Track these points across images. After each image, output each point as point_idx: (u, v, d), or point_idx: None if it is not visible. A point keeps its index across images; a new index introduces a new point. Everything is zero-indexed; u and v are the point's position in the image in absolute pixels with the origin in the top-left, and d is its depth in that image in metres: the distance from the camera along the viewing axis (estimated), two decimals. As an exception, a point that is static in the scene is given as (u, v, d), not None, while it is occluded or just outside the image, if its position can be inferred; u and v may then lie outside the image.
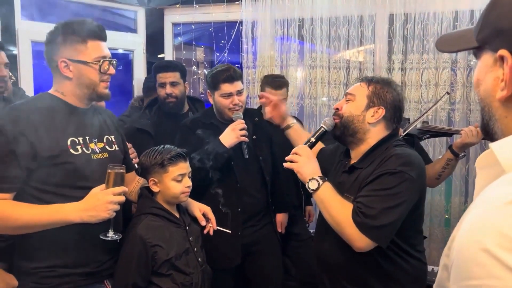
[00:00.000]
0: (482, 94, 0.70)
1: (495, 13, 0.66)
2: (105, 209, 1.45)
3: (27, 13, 3.42)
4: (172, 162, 1.76)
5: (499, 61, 0.64)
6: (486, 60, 0.68)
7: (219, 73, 2.25)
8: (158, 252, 1.65)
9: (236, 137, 2.15)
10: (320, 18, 3.28)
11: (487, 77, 0.68)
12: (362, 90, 1.67)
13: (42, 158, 1.48)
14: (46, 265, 1.55)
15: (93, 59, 1.58)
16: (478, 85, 0.71)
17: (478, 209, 0.56)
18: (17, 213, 1.45)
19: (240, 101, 2.25)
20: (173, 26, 3.84)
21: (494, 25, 0.66)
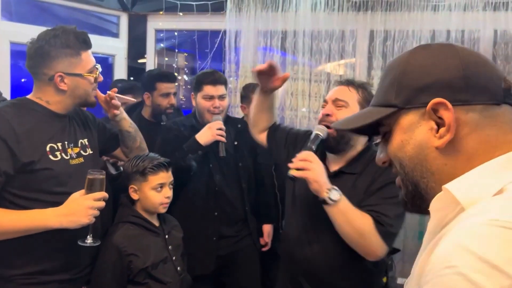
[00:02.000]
0: (411, 153, 0.70)
1: (409, 76, 0.70)
2: (85, 214, 1.44)
3: (6, 13, 3.36)
4: (153, 171, 1.75)
5: (428, 113, 0.67)
6: (408, 120, 0.70)
7: (203, 75, 2.29)
8: (133, 261, 1.64)
9: (212, 135, 2.15)
10: (303, 31, 3.33)
11: (416, 133, 0.69)
12: (353, 96, 1.61)
13: (21, 163, 1.46)
14: (26, 271, 1.52)
15: (87, 70, 1.59)
16: (403, 147, 0.71)
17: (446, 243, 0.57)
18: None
19: (221, 105, 2.27)
20: (155, 32, 3.84)
21: (413, 86, 0.69)
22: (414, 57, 0.72)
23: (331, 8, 3.28)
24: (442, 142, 0.66)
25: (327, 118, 1.61)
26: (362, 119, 0.77)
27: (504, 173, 0.62)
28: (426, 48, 0.73)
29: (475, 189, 0.62)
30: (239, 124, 2.44)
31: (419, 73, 0.69)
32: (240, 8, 3.42)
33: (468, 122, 0.65)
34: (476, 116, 0.65)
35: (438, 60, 0.69)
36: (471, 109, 0.66)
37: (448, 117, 0.65)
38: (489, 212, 0.56)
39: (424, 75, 0.69)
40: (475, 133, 0.66)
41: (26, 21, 3.46)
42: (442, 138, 0.66)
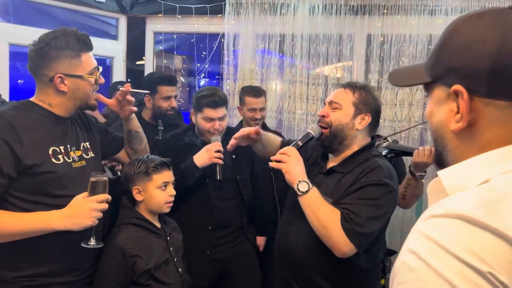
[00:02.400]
0: (434, 125, 0.74)
1: (446, 52, 0.70)
2: (88, 216, 1.44)
3: (5, 15, 3.37)
4: (156, 170, 1.77)
5: (453, 95, 0.68)
6: (439, 94, 0.72)
7: (204, 98, 2.25)
8: (137, 263, 1.65)
9: (209, 158, 2.15)
10: (300, 35, 3.36)
11: (441, 110, 0.72)
12: (348, 97, 1.68)
13: (24, 166, 1.47)
14: (27, 274, 1.52)
15: (88, 72, 1.59)
16: (431, 116, 0.75)
17: (415, 228, 0.62)
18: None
19: (221, 126, 2.26)
20: (154, 35, 3.85)
21: (446, 63, 0.70)
22: (460, 30, 0.70)
23: (329, 12, 3.31)
24: (456, 127, 0.68)
25: (323, 119, 1.71)
26: (410, 79, 0.80)
27: (497, 164, 0.64)
28: (476, 20, 0.69)
29: (462, 178, 0.65)
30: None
31: (454, 52, 0.69)
32: (238, 12, 3.44)
33: (487, 115, 0.66)
34: (495, 111, 0.65)
35: (476, 42, 0.67)
36: (491, 104, 0.65)
37: (462, 106, 0.66)
38: (457, 202, 0.59)
39: (457, 55, 0.68)
40: (493, 127, 0.66)
41: (25, 23, 3.46)
42: (457, 123, 0.68)
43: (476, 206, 0.57)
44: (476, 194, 0.60)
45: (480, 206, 0.57)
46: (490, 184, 0.62)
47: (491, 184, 0.61)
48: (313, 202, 1.58)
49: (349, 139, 1.68)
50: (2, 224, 1.43)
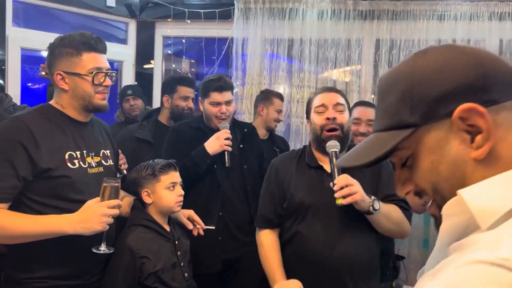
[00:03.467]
0: (445, 173, 0.61)
1: (424, 85, 0.61)
2: (99, 222, 1.45)
3: (18, 20, 3.41)
4: (163, 171, 1.79)
5: (457, 122, 0.59)
6: (433, 136, 0.61)
7: (210, 82, 2.32)
8: (145, 264, 1.66)
9: (220, 145, 2.21)
10: (309, 39, 3.37)
11: (448, 149, 0.60)
12: (343, 99, 1.80)
13: (40, 170, 1.48)
14: (38, 275, 1.53)
15: (87, 70, 1.58)
16: (435, 169, 0.62)
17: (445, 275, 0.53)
18: (12, 223, 1.44)
19: (228, 110, 2.31)
20: (163, 39, 3.88)
21: (431, 96, 0.61)
22: (419, 64, 0.63)
23: (338, 17, 3.32)
24: (482, 151, 0.57)
25: (335, 121, 1.72)
26: (376, 149, 0.65)
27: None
28: (428, 53, 0.64)
29: (490, 198, 0.56)
30: (246, 128, 2.47)
31: (433, 81, 0.61)
32: (247, 16, 3.46)
33: (502, 123, 0.58)
34: (508, 114, 0.59)
35: (449, 62, 0.61)
36: (502, 108, 0.58)
37: (484, 122, 0.57)
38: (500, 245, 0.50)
39: (440, 81, 0.60)
40: (510, 134, 0.59)
41: (35, 27, 3.51)
42: (481, 147, 0.57)
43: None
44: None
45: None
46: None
47: None
48: (386, 211, 1.65)
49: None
50: (15, 225, 1.44)
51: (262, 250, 1.89)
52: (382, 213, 1.63)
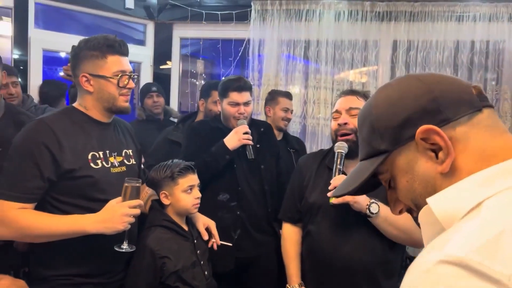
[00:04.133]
0: (420, 190, 0.69)
1: (383, 120, 0.70)
2: (120, 221, 1.48)
3: (38, 21, 3.49)
4: (181, 174, 1.81)
5: (421, 143, 0.66)
6: (403, 158, 0.69)
7: (229, 82, 2.34)
8: (166, 264, 1.69)
9: (239, 140, 2.23)
10: (326, 40, 3.38)
11: (417, 168, 0.68)
12: (362, 104, 1.71)
13: (63, 170, 1.52)
14: (63, 273, 1.57)
15: (112, 73, 1.60)
16: (411, 187, 0.70)
17: (407, 276, 0.58)
18: (37, 223, 1.48)
19: (246, 111, 2.33)
20: (180, 40, 3.92)
21: (391, 125, 0.69)
22: (378, 99, 0.73)
23: (355, 18, 3.32)
24: (445, 165, 0.64)
25: (345, 126, 1.73)
26: (359, 176, 0.75)
27: (485, 187, 0.61)
28: (386, 87, 0.74)
29: (451, 202, 0.63)
30: (262, 128, 2.49)
31: (392, 111, 0.69)
32: (264, 18, 3.48)
33: (459, 137, 0.65)
34: (464, 128, 0.65)
35: (402, 92, 0.70)
36: (457, 124, 0.65)
37: (441, 139, 0.64)
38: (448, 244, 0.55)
39: (397, 111, 0.69)
40: (469, 146, 0.65)
41: (54, 29, 3.58)
42: (444, 161, 0.65)
43: (474, 248, 0.53)
44: (471, 232, 0.56)
45: (478, 248, 0.53)
46: (483, 215, 0.58)
47: (484, 215, 0.58)
48: (388, 216, 1.62)
49: None
50: (40, 225, 1.49)
51: (283, 242, 2.01)
52: (383, 217, 1.62)
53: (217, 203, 2.26)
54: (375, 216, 1.62)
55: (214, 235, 1.93)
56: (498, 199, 0.59)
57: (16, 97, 2.66)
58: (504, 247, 0.52)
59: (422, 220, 0.69)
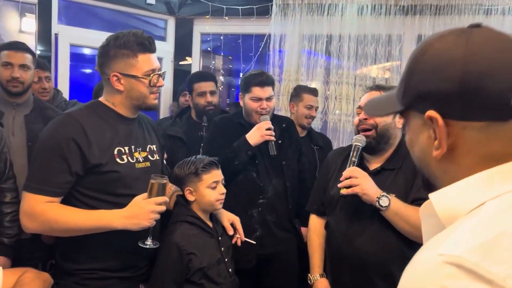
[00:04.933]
0: (418, 154, 0.71)
1: (414, 78, 0.67)
2: (147, 218, 1.48)
3: (61, 17, 3.52)
4: (205, 170, 1.80)
5: (428, 122, 0.65)
6: (415, 122, 0.69)
7: (252, 77, 2.33)
8: (192, 260, 1.68)
9: (261, 136, 2.22)
10: (348, 35, 3.33)
11: (420, 138, 0.68)
12: None
13: (90, 165, 1.52)
14: (88, 267, 1.58)
15: (143, 73, 1.59)
16: (412, 146, 0.71)
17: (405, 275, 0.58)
18: (65, 217, 1.49)
19: (268, 106, 2.32)
20: (201, 35, 3.91)
21: (415, 89, 0.66)
22: (426, 53, 0.67)
23: (378, 12, 3.26)
24: (437, 153, 0.65)
25: (366, 122, 1.74)
26: (385, 108, 0.77)
27: (489, 187, 0.60)
28: (439, 42, 0.66)
29: (454, 202, 0.62)
30: (284, 124, 2.47)
31: (422, 77, 0.66)
32: (285, 13, 3.44)
33: (466, 138, 0.62)
34: (475, 133, 0.62)
35: (441, 65, 0.64)
36: (469, 126, 0.62)
37: (439, 132, 0.63)
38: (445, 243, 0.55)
39: (425, 80, 0.65)
40: (476, 149, 0.62)
41: (77, 24, 3.61)
42: (437, 150, 0.64)
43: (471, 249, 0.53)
44: (470, 232, 0.55)
45: (476, 248, 0.52)
46: (484, 215, 0.57)
47: (485, 216, 0.57)
48: (399, 211, 1.62)
49: (393, 138, 1.75)
50: (68, 219, 1.50)
51: (309, 233, 2.07)
52: (394, 211, 1.62)
53: (238, 200, 2.26)
54: (386, 210, 1.62)
55: (238, 230, 1.92)
56: (500, 201, 0.58)
57: (48, 92, 2.69)
58: (502, 249, 0.52)
59: (422, 214, 0.69)
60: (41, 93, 2.64)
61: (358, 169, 1.70)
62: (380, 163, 1.77)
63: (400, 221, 1.62)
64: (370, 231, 1.70)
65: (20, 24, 3.48)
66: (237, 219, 1.95)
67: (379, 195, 1.62)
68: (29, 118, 2.28)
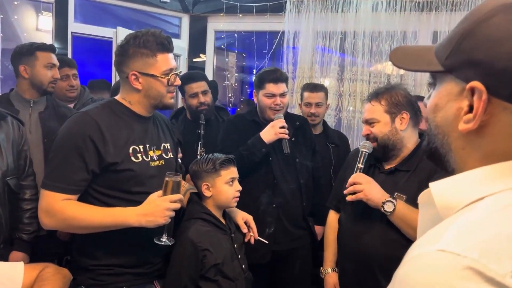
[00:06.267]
0: (439, 121, 0.66)
1: (470, 42, 0.60)
2: (162, 215, 1.50)
3: (79, 16, 3.56)
4: (224, 166, 1.82)
5: (467, 92, 0.60)
6: (450, 87, 0.63)
7: (266, 73, 2.35)
8: (207, 256, 1.69)
9: (275, 134, 2.23)
10: (363, 32, 3.31)
11: (449, 105, 0.64)
12: (378, 109, 1.75)
13: (106, 164, 1.55)
14: (104, 263, 1.61)
15: (162, 72, 1.61)
16: (436, 111, 0.66)
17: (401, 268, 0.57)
18: (82, 214, 1.52)
19: (282, 102, 2.33)
20: (215, 33, 3.93)
21: (468, 54, 0.60)
22: (493, 19, 0.59)
23: (393, 9, 3.23)
24: (465, 128, 0.60)
25: (369, 137, 1.79)
26: (418, 63, 0.69)
27: (492, 182, 0.58)
28: (508, 10, 0.59)
29: (454, 194, 0.60)
30: (298, 122, 2.47)
31: (481, 43, 0.59)
32: (299, 9, 3.43)
33: (501, 120, 0.58)
34: (511, 118, 0.58)
35: (507, 37, 0.57)
36: (510, 109, 0.58)
37: (477, 106, 0.58)
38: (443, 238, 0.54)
39: (484, 48, 0.59)
40: (505, 134, 0.59)
41: (92, 22, 3.64)
42: (466, 124, 0.60)
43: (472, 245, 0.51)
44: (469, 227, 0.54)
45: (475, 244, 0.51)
46: (482, 211, 0.55)
47: (483, 212, 0.55)
48: (404, 216, 1.64)
49: (399, 143, 1.75)
50: (85, 216, 1.52)
51: (326, 228, 2.13)
52: (399, 217, 1.64)
53: (253, 197, 2.27)
54: (391, 214, 1.65)
55: (252, 229, 1.93)
56: (499, 198, 0.56)
57: (76, 89, 2.73)
58: (500, 247, 0.50)
59: (421, 202, 0.67)
60: (68, 90, 2.68)
61: (362, 175, 1.74)
62: (395, 164, 1.79)
63: (405, 226, 1.63)
64: (378, 230, 1.72)
65: (37, 22, 3.54)
66: (251, 217, 1.97)
67: (384, 200, 1.65)
68: (43, 115, 2.32)
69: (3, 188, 1.87)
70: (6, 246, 1.94)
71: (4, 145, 1.89)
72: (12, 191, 1.91)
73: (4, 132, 1.92)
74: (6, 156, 1.89)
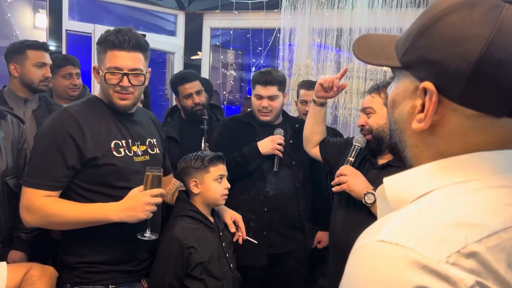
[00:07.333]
0: (396, 117, 0.66)
1: (426, 40, 0.59)
2: (143, 210, 1.49)
3: (73, 13, 3.55)
4: (212, 162, 1.81)
5: (420, 91, 0.59)
6: (406, 84, 0.63)
7: (258, 75, 2.35)
8: (193, 254, 1.68)
9: (272, 148, 2.24)
10: (359, 29, 3.28)
11: (404, 103, 0.64)
12: (377, 100, 1.75)
13: (86, 159, 1.54)
14: (88, 260, 1.60)
15: (106, 69, 1.58)
16: (393, 107, 0.66)
17: (349, 259, 0.58)
18: (62, 210, 1.51)
19: (270, 105, 2.29)
20: (211, 30, 3.91)
21: (423, 53, 0.59)
22: (447, 18, 0.57)
23: (389, 5, 3.20)
24: (417, 127, 0.61)
25: (364, 128, 1.80)
26: (378, 57, 0.68)
27: (442, 176, 0.59)
28: (467, 11, 0.56)
29: (404, 188, 0.62)
30: (297, 124, 2.45)
31: (434, 43, 0.58)
32: (295, 6, 3.41)
33: (452, 121, 0.58)
34: (462, 119, 0.58)
35: (460, 39, 0.55)
36: (460, 110, 0.57)
37: (428, 107, 0.58)
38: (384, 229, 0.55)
39: (437, 48, 0.57)
40: (456, 134, 0.59)
41: (88, 20, 3.63)
42: (419, 123, 0.60)
43: (409, 234, 0.52)
44: (408, 218, 0.55)
45: (412, 234, 0.52)
46: (426, 203, 0.56)
47: (425, 204, 0.56)
48: None
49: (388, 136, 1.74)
50: (65, 212, 1.52)
51: None
52: None
53: (246, 198, 2.25)
54: (372, 206, 1.68)
55: (240, 228, 1.92)
56: (445, 191, 0.57)
57: (78, 88, 2.72)
58: (439, 233, 0.51)
59: (378, 196, 0.69)
60: (71, 89, 2.67)
61: (349, 167, 1.78)
62: (388, 159, 1.79)
63: None
64: (366, 224, 1.70)
65: (33, 20, 3.53)
66: (240, 217, 1.95)
67: (365, 191, 1.68)
68: (37, 113, 2.33)
69: (2, 188, 1.87)
70: (5, 245, 1.94)
71: (4, 144, 1.89)
72: (11, 191, 1.91)
73: (4, 131, 1.92)
74: (5, 155, 1.89)
